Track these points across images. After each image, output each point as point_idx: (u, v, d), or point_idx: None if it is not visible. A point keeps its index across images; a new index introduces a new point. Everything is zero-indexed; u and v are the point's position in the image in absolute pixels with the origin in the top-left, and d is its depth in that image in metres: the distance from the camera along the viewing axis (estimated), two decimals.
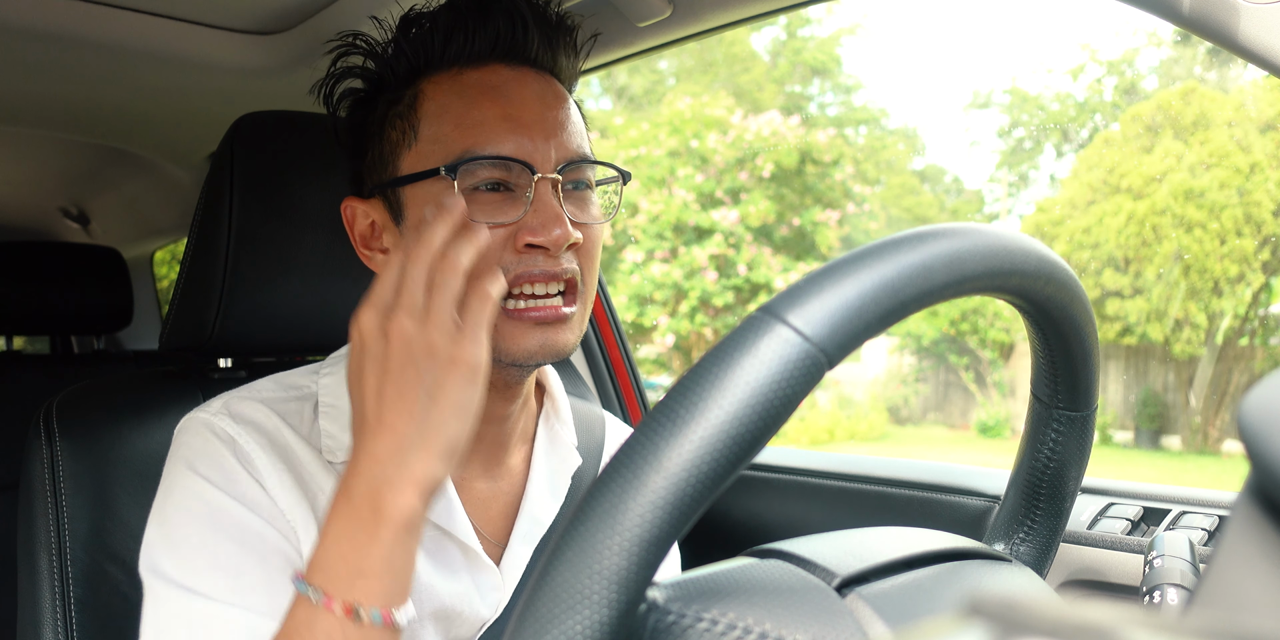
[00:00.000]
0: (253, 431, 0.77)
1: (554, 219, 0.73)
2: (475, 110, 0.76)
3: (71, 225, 2.71)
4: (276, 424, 0.79)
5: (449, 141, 0.75)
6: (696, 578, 0.45)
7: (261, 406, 0.80)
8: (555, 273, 0.75)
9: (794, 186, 11.02)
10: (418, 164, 0.76)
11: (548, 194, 0.74)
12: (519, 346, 0.75)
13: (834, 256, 0.79)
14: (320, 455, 0.79)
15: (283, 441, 0.78)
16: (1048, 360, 0.57)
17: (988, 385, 11.18)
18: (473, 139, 0.75)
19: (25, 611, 0.91)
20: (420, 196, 0.76)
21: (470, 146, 0.74)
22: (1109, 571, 1.03)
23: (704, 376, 0.39)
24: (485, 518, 0.86)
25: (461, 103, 0.76)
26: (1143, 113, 9.34)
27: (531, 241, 0.73)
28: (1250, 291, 8.54)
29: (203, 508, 0.73)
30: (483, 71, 0.78)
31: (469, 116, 0.76)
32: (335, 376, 0.83)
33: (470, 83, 0.77)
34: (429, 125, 0.77)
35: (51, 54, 1.24)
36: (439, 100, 0.77)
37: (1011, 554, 0.65)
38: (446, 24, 0.77)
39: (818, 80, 15.74)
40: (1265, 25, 0.68)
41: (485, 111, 0.76)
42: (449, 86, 0.77)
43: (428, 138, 0.77)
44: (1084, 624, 0.19)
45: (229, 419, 0.78)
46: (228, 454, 0.75)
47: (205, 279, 0.95)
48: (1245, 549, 0.27)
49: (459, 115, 0.76)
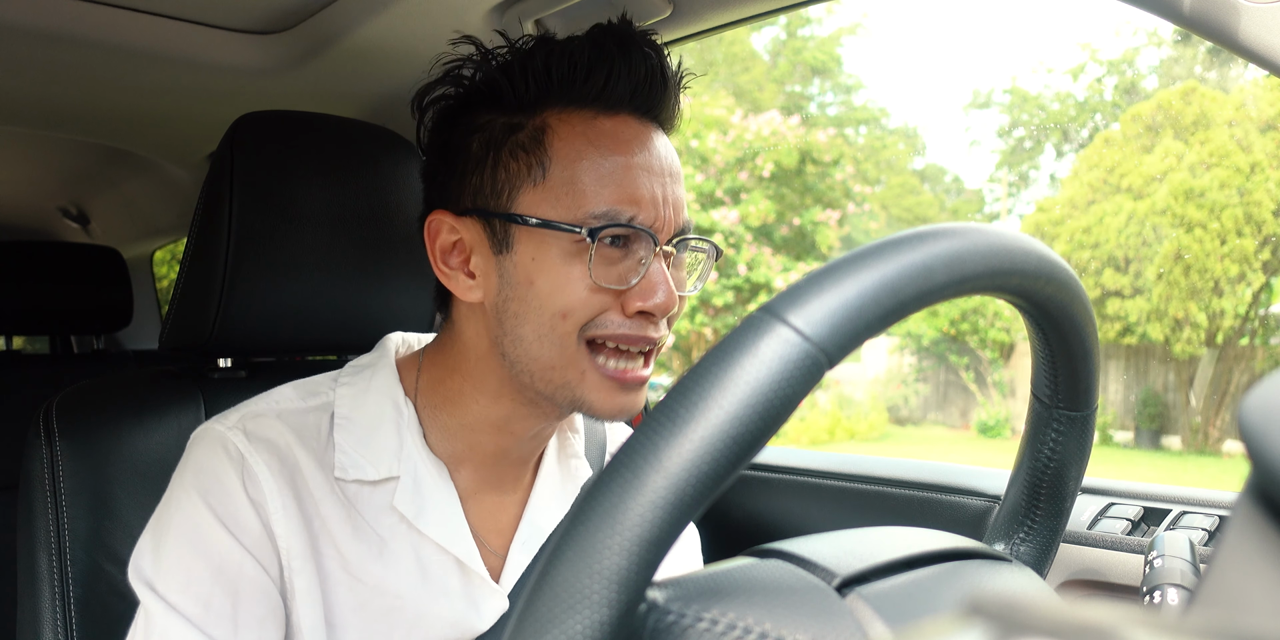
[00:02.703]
0: (264, 451, 0.77)
1: (667, 290, 0.75)
2: (610, 163, 0.75)
3: (71, 225, 2.71)
4: (289, 441, 0.79)
5: (585, 194, 0.74)
6: (696, 578, 0.45)
7: (277, 422, 0.79)
8: (653, 339, 0.77)
9: (794, 186, 11.02)
10: (544, 205, 0.75)
11: (661, 264, 0.76)
12: (604, 406, 0.77)
13: (834, 256, 0.79)
14: (328, 475, 0.79)
15: (293, 461, 0.78)
16: (1048, 360, 0.57)
17: (988, 385, 11.18)
18: (612, 198, 0.74)
19: (25, 611, 0.91)
20: (539, 239, 0.75)
21: (613, 207, 0.74)
22: (1109, 571, 1.03)
23: (704, 376, 0.39)
24: (494, 528, 0.86)
25: (598, 152, 0.75)
26: (1143, 112, 9.34)
27: (644, 309, 0.75)
28: (1250, 291, 8.54)
29: (191, 529, 0.74)
30: (615, 121, 0.77)
31: (605, 170, 0.75)
32: (352, 387, 0.83)
33: (604, 131, 0.76)
34: (561, 167, 0.75)
35: (51, 54, 1.24)
36: (574, 144, 0.75)
37: (1011, 554, 0.65)
38: (589, 57, 0.75)
39: (818, 80, 15.73)
40: (1265, 25, 0.68)
41: (620, 168, 0.75)
42: (583, 130, 0.76)
43: (560, 181, 0.75)
44: (1084, 624, 0.19)
45: (243, 436, 0.78)
46: (232, 474, 0.76)
47: (205, 279, 0.95)
48: (1245, 549, 0.27)
49: (595, 165, 0.75)
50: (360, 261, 0.99)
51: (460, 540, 0.81)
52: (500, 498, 0.87)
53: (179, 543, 0.74)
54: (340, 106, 1.40)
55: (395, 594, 0.78)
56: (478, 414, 0.82)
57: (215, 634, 0.72)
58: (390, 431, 0.81)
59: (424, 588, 0.79)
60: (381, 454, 0.80)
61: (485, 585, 0.82)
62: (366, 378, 0.84)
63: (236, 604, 0.73)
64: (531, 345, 0.76)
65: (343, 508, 0.78)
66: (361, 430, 0.80)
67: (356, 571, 0.78)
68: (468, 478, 0.84)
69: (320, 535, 0.77)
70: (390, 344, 0.88)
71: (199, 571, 0.73)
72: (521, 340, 0.76)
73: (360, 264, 1.00)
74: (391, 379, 0.83)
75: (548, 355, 0.76)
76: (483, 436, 0.83)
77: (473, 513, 0.84)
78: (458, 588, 0.81)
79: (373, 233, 1.00)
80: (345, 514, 0.78)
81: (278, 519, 0.76)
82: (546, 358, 0.76)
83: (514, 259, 0.76)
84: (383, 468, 0.79)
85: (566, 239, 0.74)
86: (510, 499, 0.87)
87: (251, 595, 0.74)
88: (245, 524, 0.75)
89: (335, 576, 0.77)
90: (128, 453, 0.95)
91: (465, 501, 0.84)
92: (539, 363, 0.76)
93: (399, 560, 0.79)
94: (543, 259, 0.75)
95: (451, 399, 0.82)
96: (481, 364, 0.81)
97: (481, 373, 0.81)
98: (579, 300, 0.74)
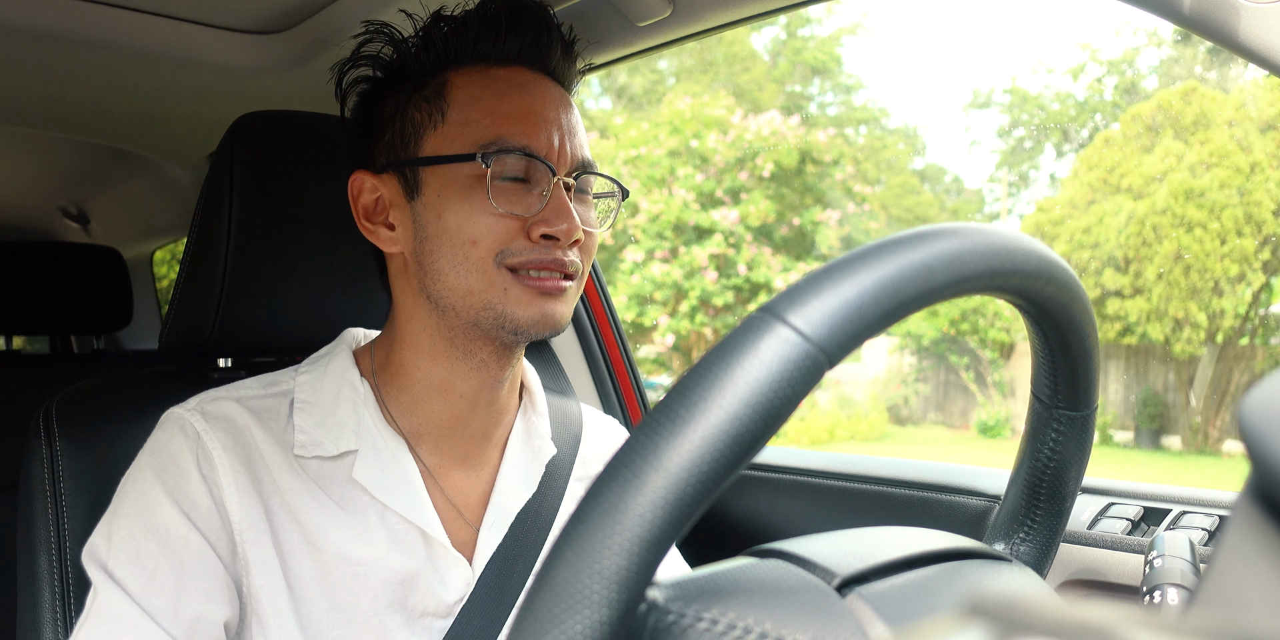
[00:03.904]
0: (219, 430, 0.81)
1: (568, 215, 0.80)
2: (504, 103, 0.82)
3: (71, 225, 2.71)
4: (247, 421, 0.83)
5: (479, 127, 0.81)
6: (696, 578, 0.45)
7: (235, 404, 0.84)
8: (563, 262, 0.81)
9: (794, 186, 11.02)
10: (444, 145, 0.81)
11: (562, 193, 0.81)
12: (525, 314, 0.80)
13: (834, 256, 0.80)
14: (287, 453, 0.82)
15: (249, 440, 0.82)
16: (1048, 360, 0.57)
17: (988, 385, 11.18)
18: (504, 129, 0.80)
19: (25, 611, 0.91)
20: (442, 176, 0.81)
21: (502, 135, 0.80)
22: (1109, 571, 1.03)
23: (704, 376, 0.39)
24: (465, 503, 0.89)
25: (491, 94, 0.82)
26: (1143, 112, 9.34)
27: (547, 232, 0.79)
28: (1250, 291, 8.54)
29: (142, 505, 0.78)
30: (509, 71, 0.84)
31: (499, 108, 0.81)
32: (312, 374, 0.88)
33: (498, 77, 0.83)
34: (458, 110, 0.82)
35: (51, 54, 1.24)
36: (469, 90, 0.82)
37: (1011, 554, 0.65)
38: (478, 24, 0.83)
39: (818, 80, 15.74)
40: (1265, 25, 0.68)
41: (513, 106, 0.82)
42: (478, 79, 0.83)
43: (456, 121, 0.81)
44: (1084, 624, 0.19)
45: (200, 416, 0.82)
46: (186, 452, 0.79)
47: (205, 279, 0.95)
48: (1245, 549, 0.27)
49: (489, 105, 0.81)
50: (360, 261, 1.00)
51: (422, 509, 0.83)
52: (467, 474, 0.89)
53: (130, 518, 0.77)
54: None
55: (359, 562, 0.80)
56: (421, 380, 0.86)
57: (154, 607, 0.74)
58: (348, 409, 0.84)
59: (391, 556, 0.81)
60: (339, 430, 0.83)
61: (448, 554, 0.84)
62: (323, 364, 0.88)
63: (181, 578, 0.75)
64: (449, 276, 0.80)
65: (302, 482, 0.81)
66: (320, 411, 0.84)
67: (318, 542, 0.80)
68: (430, 452, 0.87)
69: (280, 510, 0.80)
70: (348, 336, 0.93)
71: (147, 545, 0.76)
72: (440, 274, 0.81)
73: (360, 264, 1.00)
74: (348, 362, 0.88)
75: (465, 282, 0.80)
76: (433, 405, 0.86)
77: (443, 487, 0.87)
78: (423, 556, 0.83)
79: None
80: (305, 487, 0.81)
81: (230, 494, 0.79)
82: (464, 284, 0.80)
83: (424, 201, 0.82)
84: (341, 443, 0.83)
85: (466, 171, 0.80)
86: (478, 476, 0.90)
87: (197, 570, 0.76)
88: (195, 500, 0.78)
89: (296, 549, 0.80)
90: (128, 453, 0.94)
91: (434, 476, 0.87)
92: (457, 291, 0.80)
93: (365, 530, 0.82)
94: (447, 194, 0.80)
95: (397, 372, 0.86)
96: (412, 322, 0.85)
97: (414, 333, 0.85)
98: (485, 227, 0.79)
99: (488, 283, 0.80)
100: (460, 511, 0.88)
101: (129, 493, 0.79)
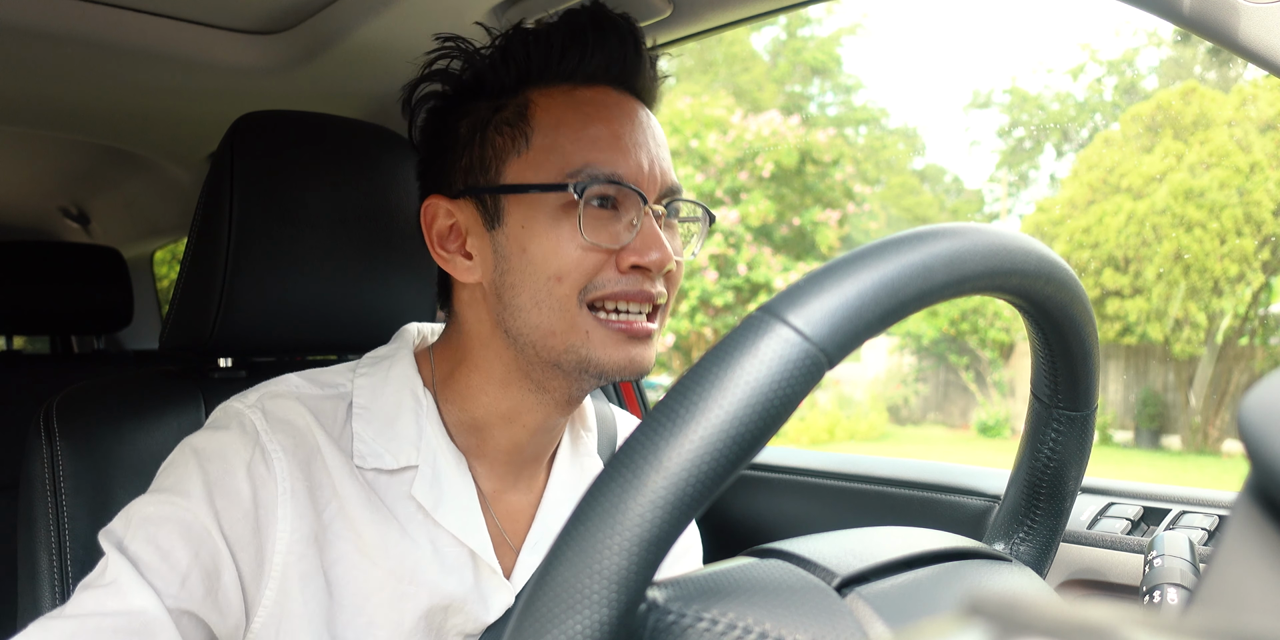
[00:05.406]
0: (280, 431, 0.78)
1: (659, 245, 0.76)
2: (592, 127, 0.77)
3: (71, 225, 2.71)
4: (309, 422, 0.79)
5: (567, 154, 0.76)
6: (696, 577, 0.45)
7: (297, 404, 0.80)
8: (651, 294, 0.77)
9: (794, 186, 11.02)
10: (529, 172, 0.77)
11: (652, 221, 0.77)
12: (611, 359, 0.77)
13: (834, 256, 0.80)
14: (348, 460, 0.79)
15: (311, 443, 0.78)
16: (1048, 360, 0.57)
17: (988, 385, 11.18)
18: (592, 155, 0.76)
19: (25, 611, 0.91)
20: (528, 205, 0.77)
21: (591, 162, 0.76)
22: (1109, 571, 1.03)
23: (704, 376, 0.39)
24: (516, 529, 0.86)
25: (578, 118, 0.77)
26: (1143, 112, 9.34)
27: (637, 263, 0.76)
28: (1250, 291, 8.54)
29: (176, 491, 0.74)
30: (594, 91, 0.80)
31: (586, 132, 0.77)
32: (371, 377, 0.84)
33: (585, 100, 0.79)
34: (543, 135, 0.77)
35: (52, 54, 1.24)
36: (554, 112, 0.78)
37: (1011, 554, 0.65)
38: (563, 39, 0.78)
39: (818, 80, 15.74)
40: (1265, 25, 0.68)
41: (602, 130, 0.77)
42: (563, 101, 0.78)
43: (541, 147, 0.77)
44: (1084, 624, 0.19)
45: (261, 415, 0.78)
46: (241, 449, 0.76)
47: (205, 279, 0.95)
48: (1245, 549, 0.27)
49: (576, 129, 0.77)
50: (360, 261, 1.00)
51: (474, 532, 0.80)
52: (519, 497, 0.87)
53: (159, 502, 0.74)
54: (340, 106, 1.40)
55: (410, 580, 0.78)
56: (487, 406, 0.82)
57: (159, 585, 0.70)
58: (409, 421, 0.81)
59: (438, 576, 0.79)
60: (400, 443, 0.80)
61: (494, 578, 0.82)
62: (385, 368, 0.84)
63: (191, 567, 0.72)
64: (530, 313, 0.76)
65: (363, 491, 0.78)
66: (380, 420, 0.81)
67: (373, 554, 0.77)
68: (486, 474, 0.85)
69: (336, 518, 0.77)
70: (407, 335, 0.88)
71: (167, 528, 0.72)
72: (520, 310, 0.77)
73: (360, 264, 1.00)
74: (410, 369, 0.84)
75: (547, 321, 0.76)
76: (494, 431, 0.83)
77: (494, 510, 0.85)
78: (470, 579, 0.81)
79: (373, 232, 1.00)
80: (365, 497, 0.78)
81: (284, 500, 0.75)
82: (547, 324, 0.76)
83: (506, 231, 0.77)
84: (401, 457, 0.79)
85: (553, 201, 0.76)
86: (528, 499, 0.88)
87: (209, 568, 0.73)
88: (234, 499, 0.74)
89: (349, 559, 0.77)
90: (128, 453, 0.95)
91: (488, 498, 0.84)
92: (539, 330, 0.77)
93: (416, 547, 0.79)
94: (532, 224, 0.76)
95: (461, 392, 0.83)
96: (486, 350, 0.81)
97: (488, 360, 0.81)
98: (572, 261, 0.75)
99: (570, 324, 0.76)
100: (504, 532, 0.86)
101: (166, 476, 0.76)
